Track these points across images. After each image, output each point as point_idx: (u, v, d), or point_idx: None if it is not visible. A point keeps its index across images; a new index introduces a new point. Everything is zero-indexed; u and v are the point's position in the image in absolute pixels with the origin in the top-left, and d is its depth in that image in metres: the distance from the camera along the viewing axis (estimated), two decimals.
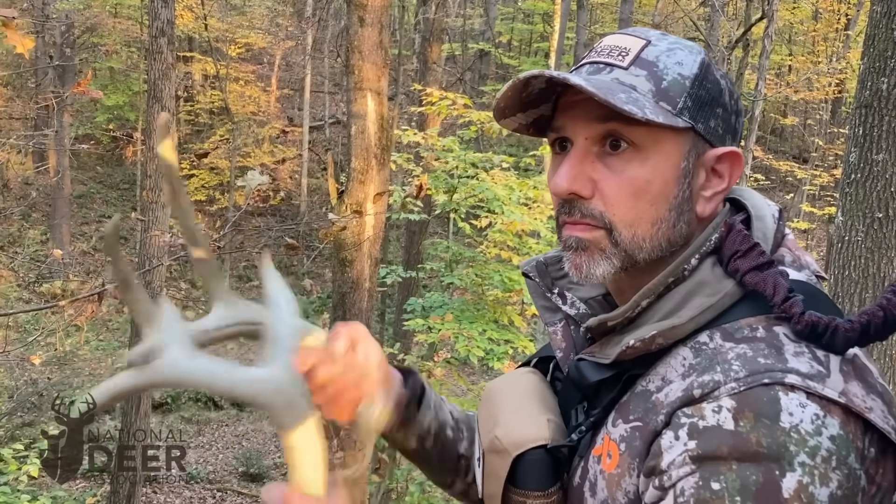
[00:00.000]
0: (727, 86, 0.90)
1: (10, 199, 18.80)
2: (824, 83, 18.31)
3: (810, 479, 0.72)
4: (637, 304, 0.88)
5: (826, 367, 0.77)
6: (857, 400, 0.75)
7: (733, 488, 0.73)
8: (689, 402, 0.78)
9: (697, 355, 0.82)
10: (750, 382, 0.76)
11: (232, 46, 20.53)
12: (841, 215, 3.47)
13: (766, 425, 0.73)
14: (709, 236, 0.88)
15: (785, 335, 0.80)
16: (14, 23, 2.87)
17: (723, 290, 0.84)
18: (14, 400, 12.79)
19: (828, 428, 0.73)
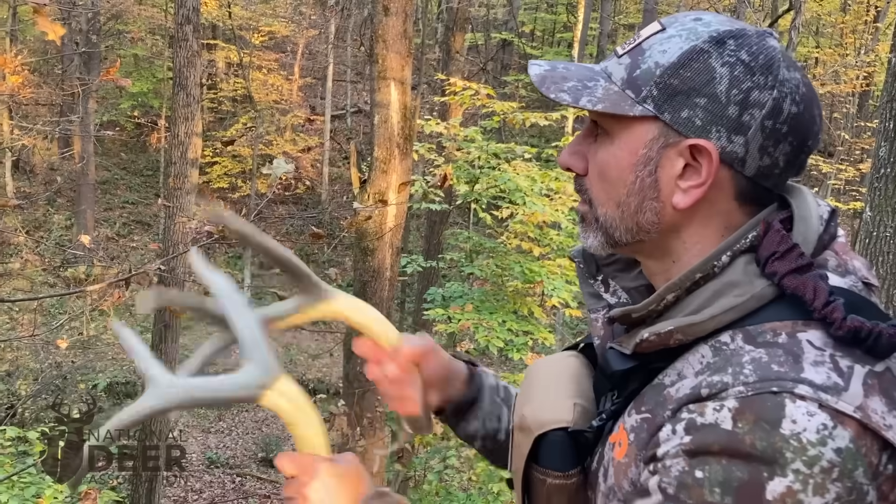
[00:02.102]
0: (732, 73, 0.84)
1: (36, 185, 19.03)
2: (852, 76, 18.06)
3: (802, 486, 0.72)
4: (662, 297, 0.87)
5: (846, 380, 0.75)
6: (876, 416, 0.74)
7: (715, 480, 0.74)
8: (695, 400, 0.79)
9: (716, 355, 0.81)
10: (758, 388, 0.75)
11: (255, 35, 20.60)
12: (869, 210, 3.43)
13: (764, 429, 0.73)
14: (744, 234, 0.85)
15: (808, 342, 0.78)
16: (45, 9, 2.91)
17: (752, 291, 0.82)
18: (39, 382, 12.98)
19: (835, 440, 0.73)
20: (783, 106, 0.83)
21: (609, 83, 0.89)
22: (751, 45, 0.85)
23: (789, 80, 0.84)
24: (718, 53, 0.85)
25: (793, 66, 0.86)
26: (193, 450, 12.85)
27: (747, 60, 0.84)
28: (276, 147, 19.25)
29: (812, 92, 0.86)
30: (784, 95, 0.83)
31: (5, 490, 4.64)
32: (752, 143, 0.84)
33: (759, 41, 0.86)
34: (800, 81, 0.85)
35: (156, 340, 9.18)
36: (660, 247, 0.92)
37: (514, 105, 9.09)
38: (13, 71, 4.52)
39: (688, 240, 0.90)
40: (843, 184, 18.27)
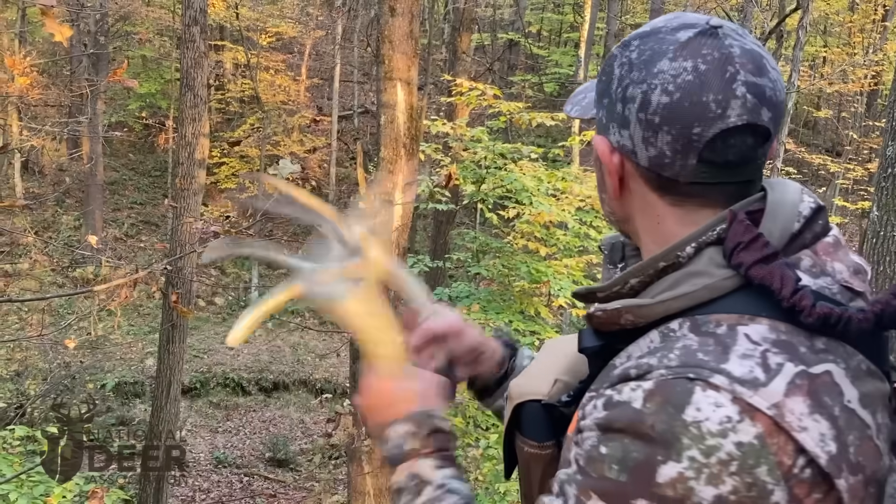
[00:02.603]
0: (620, 73, 0.88)
1: (44, 185, 19.11)
2: (860, 75, 17.99)
3: (695, 474, 0.72)
4: (625, 281, 0.89)
5: (770, 376, 0.75)
6: (791, 416, 0.73)
7: (614, 457, 0.77)
8: (624, 379, 0.81)
9: (663, 340, 0.83)
10: (677, 373, 0.76)
11: (263, 35, 20.63)
12: (876, 210, 3.42)
13: (668, 413, 0.74)
14: (712, 226, 0.85)
15: (746, 335, 0.78)
16: (53, 11, 2.93)
17: (706, 281, 0.83)
18: (48, 382, 13.04)
19: (737, 433, 0.73)
20: (651, 98, 0.84)
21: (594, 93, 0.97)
22: (647, 44, 0.87)
23: (665, 72, 0.84)
24: (620, 55, 0.89)
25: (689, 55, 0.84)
26: (201, 449, 12.89)
27: (633, 58, 0.87)
28: (284, 147, 19.29)
29: (703, 77, 0.83)
30: (653, 87, 0.84)
31: (14, 489, 4.66)
32: (635, 136, 0.86)
33: (663, 37, 0.86)
34: (683, 70, 0.83)
35: (163, 340, 9.21)
36: (630, 234, 0.98)
37: (520, 105, 9.09)
38: (22, 72, 4.54)
39: (639, 229, 0.94)
40: (852, 183, 18.20)
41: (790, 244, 0.84)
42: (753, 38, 0.87)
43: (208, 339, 15.95)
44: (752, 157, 0.85)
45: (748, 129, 0.83)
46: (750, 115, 0.82)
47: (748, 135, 0.83)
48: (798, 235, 0.85)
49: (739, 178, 0.87)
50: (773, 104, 0.84)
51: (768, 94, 0.83)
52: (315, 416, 14.21)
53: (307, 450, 13.23)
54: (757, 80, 0.83)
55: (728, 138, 0.83)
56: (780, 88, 0.85)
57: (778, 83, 0.85)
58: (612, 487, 0.77)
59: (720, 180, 0.86)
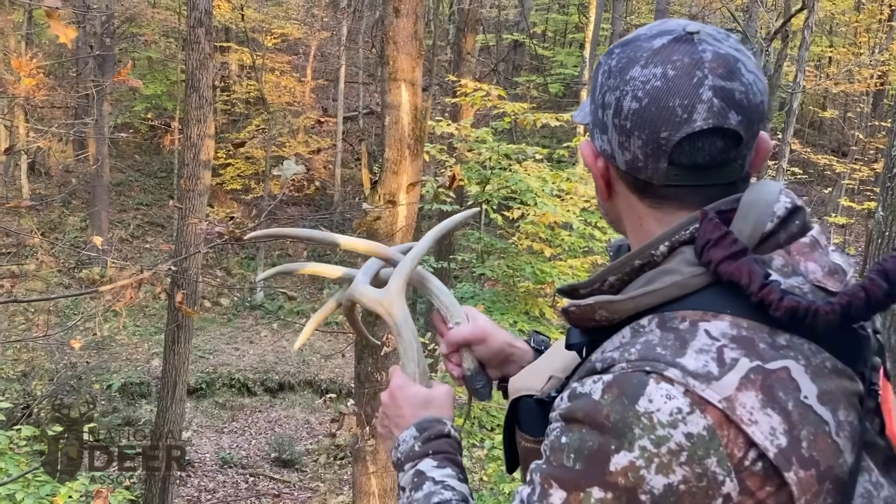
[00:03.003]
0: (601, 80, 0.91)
1: (51, 187, 19.18)
2: (866, 75, 17.94)
3: (645, 463, 0.75)
4: (604, 278, 0.92)
5: (724, 371, 0.77)
6: (742, 410, 0.75)
7: (572, 446, 0.80)
8: (591, 373, 0.85)
9: (634, 335, 0.85)
10: (635, 367, 0.79)
11: (268, 37, 20.67)
12: (881, 210, 3.41)
13: (622, 404, 0.77)
14: (685, 226, 0.87)
15: (706, 331, 0.80)
16: (58, 13, 2.94)
17: (675, 278, 0.85)
18: (54, 382, 13.08)
19: (687, 424, 0.75)
20: (623, 104, 0.87)
21: None
22: (625, 52, 0.89)
23: (636, 78, 0.86)
24: (604, 63, 0.92)
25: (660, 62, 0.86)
26: (207, 450, 12.91)
27: (612, 66, 0.90)
28: (289, 148, 19.31)
29: (670, 83, 0.84)
30: (625, 94, 0.87)
31: (21, 489, 4.68)
32: (613, 141, 0.89)
33: (639, 44, 0.89)
34: (653, 76, 0.85)
35: (168, 341, 9.23)
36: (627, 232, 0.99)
37: (525, 106, 9.09)
38: (28, 74, 4.57)
39: (626, 230, 0.97)
40: (857, 183, 18.14)
41: (763, 244, 0.86)
42: (734, 42, 0.88)
43: (214, 340, 15.98)
44: (724, 159, 0.86)
45: (716, 133, 0.84)
46: (716, 118, 0.84)
47: (717, 138, 0.84)
48: (771, 235, 0.86)
49: (714, 181, 0.87)
50: (743, 107, 0.84)
51: (738, 97, 0.84)
52: (320, 417, 14.22)
53: (312, 450, 13.24)
54: (725, 83, 0.84)
55: (695, 142, 0.84)
56: (756, 91, 0.85)
57: (753, 86, 0.85)
58: (569, 475, 0.80)
59: (693, 182, 0.87)
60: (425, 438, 1.09)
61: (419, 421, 1.11)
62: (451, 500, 1.00)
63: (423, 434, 1.09)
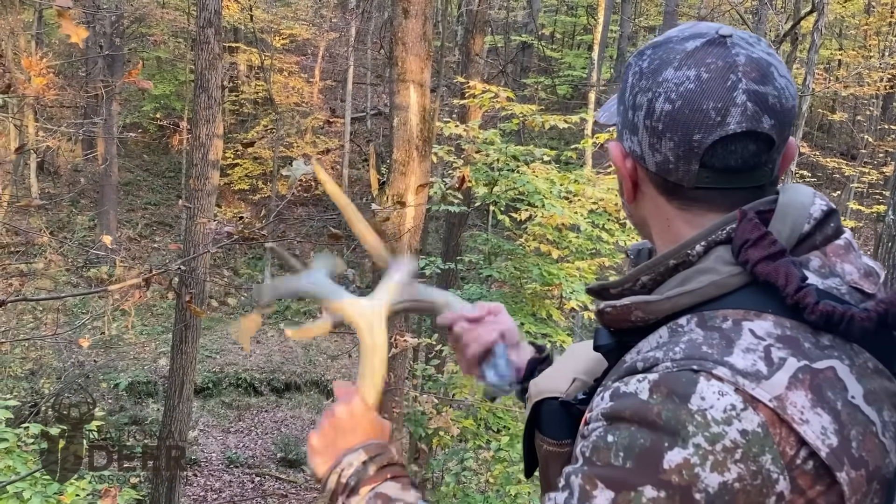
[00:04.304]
0: (632, 81, 0.91)
1: (59, 186, 19.26)
2: (875, 78, 17.87)
3: (700, 460, 0.74)
4: (636, 277, 0.91)
5: (773, 370, 0.76)
6: (793, 409, 0.75)
7: (621, 444, 0.78)
8: (631, 372, 0.83)
9: (671, 335, 0.84)
10: (682, 365, 0.78)
11: (276, 37, 20.72)
12: (892, 213, 3.40)
13: (674, 402, 0.76)
14: (722, 225, 0.87)
15: (750, 331, 0.79)
16: (69, 13, 2.95)
17: (713, 277, 0.85)
18: (62, 381, 13.12)
19: (741, 421, 0.74)
20: (655, 105, 0.87)
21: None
22: (657, 53, 0.89)
23: (668, 80, 0.86)
24: (634, 64, 0.92)
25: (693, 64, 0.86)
26: (213, 449, 12.94)
27: (643, 67, 0.90)
28: (297, 149, 19.34)
29: (704, 86, 0.85)
30: (657, 95, 0.87)
31: (28, 487, 4.69)
32: (643, 142, 0.90)
33: (672, 46, 0.89)
34: (686, 79, 0.86)
35: (176, 340, 9.26)
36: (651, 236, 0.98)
37: (533, 107, 9.08)
38: (38, 73, 4.59)
39: (652, 232, 0.96)
40: (867, 187, 18.08)
41: (800, 245, 0.86)
42: (766, 47, 0.88)
43: (221, 340, 16.01)
44: (756, 163, 0.86)
45: (749, 136, 0.84)
46: (749, 122, 0.84)
47: (750, 141, 0.84)
48: (808, 237, 0.87)
49: (744, 184, 0.88)
50: (776, 112, 0.85)
51: (771, 101, 0.84)
52: None
53: None
54: (759, 87, 0.84)
55: (728, 145, 0.85)
56: (788, 96, 0.86)
57: (785, 91, 0.86)
58: (618, 474, 0.78)
59: (723, 185, 0.87)
60: (379, 463, 1.03)
61: (367, 444, 1.05)
62: None
63: (374, 458, 1.04)
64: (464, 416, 7.59)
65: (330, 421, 1.10)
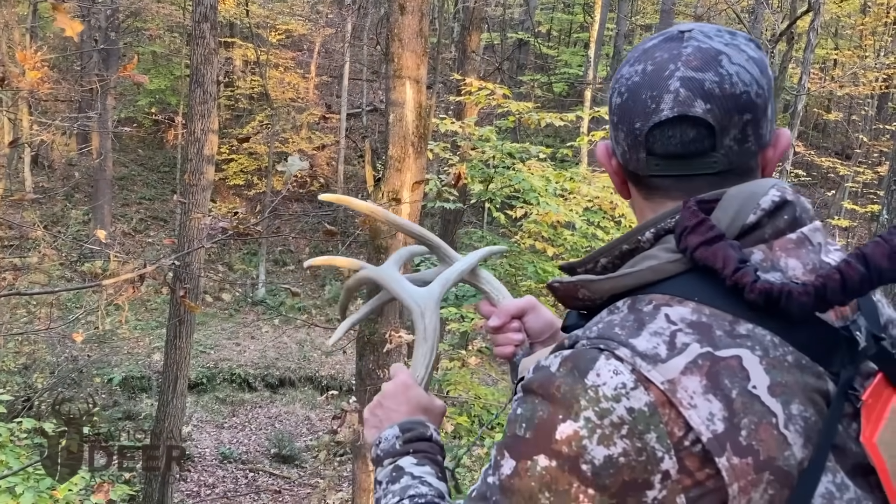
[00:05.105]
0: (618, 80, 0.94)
1: (54, 180, 19.19)
2: (871, 78, 17.92)
3: (588, 433, 0.78)
4: (595, 259, 0.95)
5: (672, 354, 0.79)
6: (683, 393, 0.77)
7: (525, 416, 0.84)
8: (558, 348, 0.88)
9: (609, 315, 0.87)
10: (593, 343, 0.83)
11: (272, 33, 20.67)
12: (886, 213, 3.41)
13: (573, 376, 0.81)
14: (671, 213, 0.89)
15: (666, 315, 0.82)
16: (64, 6, 2.94)
17: (652, 262, 0.87)
18: (55, 376, 13.09)
19: (630, 399, 0.78)
20: (612, 100, 0.93)
21: None
22: (635, 54, 0.93)
23: (622, 76, 0.91)
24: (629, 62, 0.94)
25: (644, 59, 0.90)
26: (207, 445, 12.93)
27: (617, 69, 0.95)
28: (292, 145, 19.31)
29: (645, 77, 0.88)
30: (613, 91, 0.93)
31: (21, 482, 4.67)
32: (612, 137, 0.96)
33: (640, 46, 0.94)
34: (634, 73, 0.90)
35: (170, 335, 9.24)
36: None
37: (529, 105, 9.08)
38: (33, 67, 4.56)
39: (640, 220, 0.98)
40: (861, 186, 18.12)
41: (745, 236, 0.86)
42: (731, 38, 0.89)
43: (215, 335, 15.99)
44: (699, 149, 0.87)
45: (685, 121, 0.85)
46: (680, 107, 0.85)
47: (687, 126, 0.86)
48: (755, 228, 0.86)
49: (695, 171, 0.88)
50: (714, 96, 0.85)
51: (707, 86, 0.85)
52: (320, 413, 14.23)
53: (312, 446, 13.25)
54: (695, 74, 0.86)
55: (665, 130, 0.87)
56: (734, 82, 0.86)
57: (733, 77, 0.86)
58: (519, 444, 0.83)
59: (673, 172, 0.89)
60: (407, 439, 1.10)
61: (404, 422, 1.12)
62: (427, 495, 1.02)
63: (405, 434, 1.11)
64: (458, 412, 7.60)
65: (379, 397, 1.18)
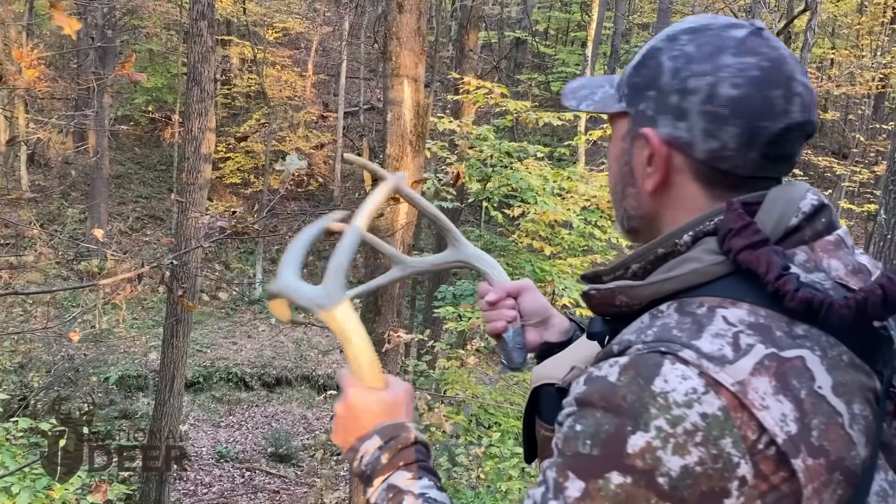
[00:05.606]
0: (674, 65, 0.89)
1: (50, 178, 19.14)
2: (867, 77, 17.94)
3: (662, 444, 0.74)
4: (627, 265, 0.92)
5: (738, 355, 0.77)
6: (754, 395, 0.75)
7: (588, 432, 0.79)
8: (608, 356, 0.84)
9: (651, 320, 0.85)
10: (651, 347, 0.79)
11: (269, 31, 20.64)
12: (884, 213, 3.41)
13: (638, 384, 0.77)
14: (710, 216, 0.88)
15: (723, 317, 0.80)
16: (61, 4, 2.92)
17: (696, 265, 0.85)
18: (51, 374, 13.07)
19: (702, 405, 0.75)
20: (719, 90, 0.86)
21: (609, 88, 0.99)
22: (703, 38, 0.89)
23: (731, 66, 0.87)
24: (669, 48, 0.91)
25: (748, 52, 0.87)
26: (204, 444, 12.91)
27: (691, 52, 0.89)
28: (289, 143, 19.29)
29: (768, 74, 0.86)
30: (721, 80, 0.86)
31: (17, 482, 4.66)
32: (695, 128, 0.88)
33: (717, 33, 0.89)
34: (749, 66, 0.86)
35: (167, 334, 9.23)
36: (651, 232, 0.96)
37: (527, 104, 9.06)
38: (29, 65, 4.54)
39: (668, 223, 0.94)
40: (858, 186, 18.15)
41: (787, 238, 0.86)
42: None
43: (212, 334, 15.97)
44: (798, 154, 0.90)
45: (804, 127, 0.87)
46: (807, 113, 0.87)
47: (802, 132, 0.87)
48: (796, 231, 0.87)
49: (780, 174, 0.90)
50: (815, 106, 0.89)
51: (814, 96, 0.89)
52: (317, 412, 14.22)
53: (309, 445, 13.24)
54: (806, 81, 0.88)
55: (789, 133, 0.87)
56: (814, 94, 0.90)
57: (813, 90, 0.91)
58: (586, 463, 0.78)
59: (768, 174, 0.89)
60: (392, 449, 1.02)
61: (381, 428, 1.04)
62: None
63: (388, 444, 1.02)
64: (455, 412, 7.59)
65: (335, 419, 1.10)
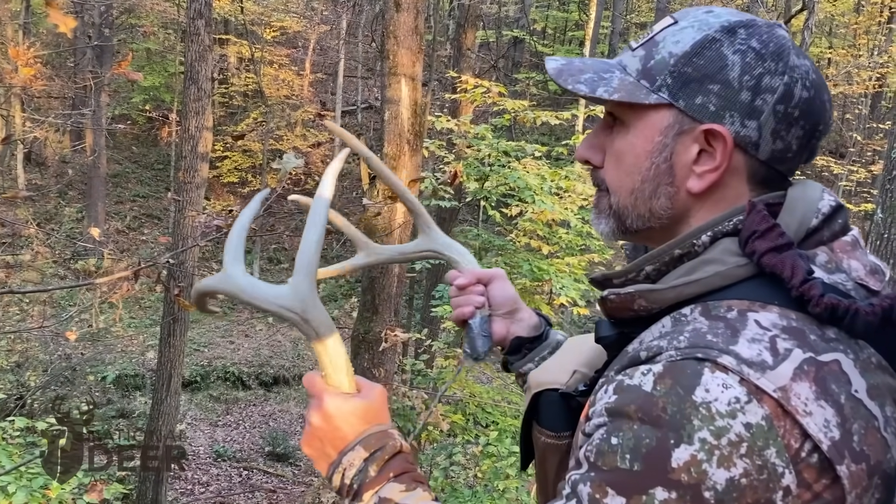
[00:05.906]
0: (742, 60, 0.86)
1: (47, 177, 19.11)
2: (865, 77, 17.95)
3: (707, 456, 0.72)
4: (640, 267, 0.90)
5: (778, 360, 0.75)
6: (797, 401, 0.73)
7: (627, 446, 0.75)
8: (635, 363, 0.81)
9: (674, 324, 0.83)
10: (686, 354, 0.77)
11: (267, 30, 20.62)
12: (881, 212, 3.41)
13: (678, 394, 0.74)
14: (729, 216, 0.87)
15: (756, 321, 0.78)
16: (57, 2, 2.91)
17: (719, 268, 0.84)
18: (48, 374, 13.05)
19: (746, 414, 0.72)
20: (794, 91, 0.86)
21: (624, 74, 0.92)
22: (761, 34, 0.87)
23: (799, 67, 0.86)
24: (730, 42, 0.87)
25: (801, 54, 0.88)
26: (201, 443, 12.90)
27: (758, 48, 0.86)
28: (287, 142, 19.27)
29: (821, 79, 0.87)
30: (795, 80, 0.86)
31: (13, 481, 4.65)
32: (765, 128, 0.86)
33: (768, 31, 0.88)
34: (809, 68, 0.87)
35: (164, 334, 9.21)
36: (669, 233, 0.93)
37: (524, 103, 9.06)
38: (26, 63, 4.53)
39: (694, 224, 0.91)
40: (855, 185, 18.18)
41: (807, 239, 0.86)
42: None
43: (209, 333, 15.95)
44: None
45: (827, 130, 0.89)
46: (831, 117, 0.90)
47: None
48: (816, 232, 0.86)
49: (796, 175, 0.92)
50: None
51: None
52: None
53: None
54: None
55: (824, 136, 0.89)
56: None
57: None
58: (628, 478, 0.75)
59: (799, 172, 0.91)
60: (380, 460, 0.97)
61: (365, 437, 0.98)
62: None
63: (375, 455, 0.97)
64: (452, 411, 7.59)
65: (310, 430, 1.02)
